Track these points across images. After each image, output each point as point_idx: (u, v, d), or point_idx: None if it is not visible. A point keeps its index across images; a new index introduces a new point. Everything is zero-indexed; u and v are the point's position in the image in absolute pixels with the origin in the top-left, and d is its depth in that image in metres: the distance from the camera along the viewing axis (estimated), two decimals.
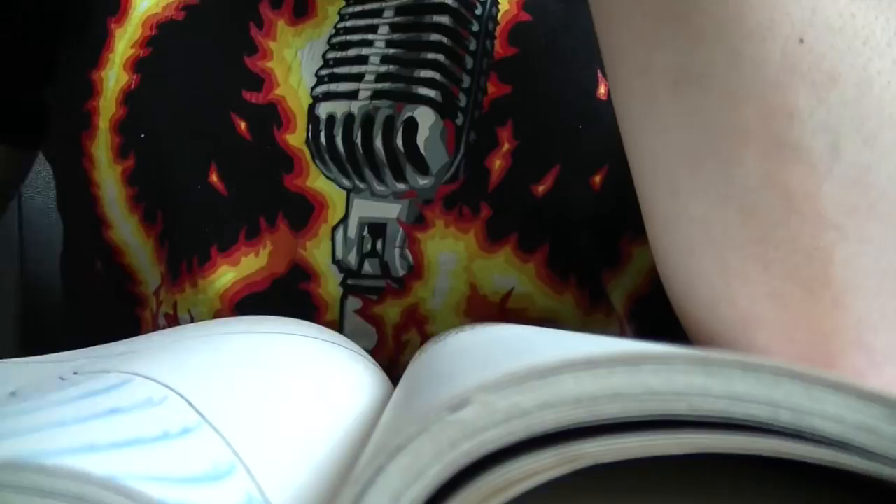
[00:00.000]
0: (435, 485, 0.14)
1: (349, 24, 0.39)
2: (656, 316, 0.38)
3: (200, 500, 0.15)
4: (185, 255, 0.38)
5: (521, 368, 0.14)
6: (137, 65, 0.39)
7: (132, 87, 0.39)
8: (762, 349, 0.27)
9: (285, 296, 0.37)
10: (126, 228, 0.40)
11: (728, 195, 0.26)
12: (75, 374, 0.22)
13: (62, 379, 0.22)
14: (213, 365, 0.24)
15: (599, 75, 0.37)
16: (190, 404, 0.19)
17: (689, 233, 0.28)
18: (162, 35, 0.40)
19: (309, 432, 0.22)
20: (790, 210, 0.25)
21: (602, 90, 0.37)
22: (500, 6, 0.39)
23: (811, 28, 0.25)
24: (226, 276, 0.38)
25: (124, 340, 0.31)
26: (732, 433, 0.14)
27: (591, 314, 0.38)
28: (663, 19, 0.26)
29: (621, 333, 0.38)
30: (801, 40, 0.25)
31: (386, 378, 0.32)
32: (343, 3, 0.39)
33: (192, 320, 0.38)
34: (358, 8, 0.39)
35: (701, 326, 0.29)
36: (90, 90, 0.39)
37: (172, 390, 0.20)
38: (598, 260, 0.37)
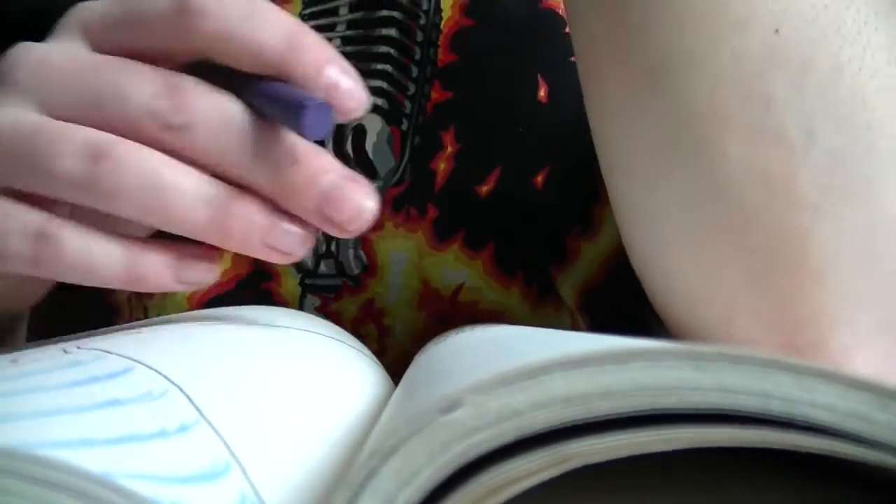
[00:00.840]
0: (428, 487, 0.14)
1: None
2: (609, 307, 0.40)
3: (194, 499, 0.15)
4: None
5: (512, 368, 0.14)
6: None
7: None
8: (745, 338, 0.28)
9: (248, 295, 0.39)
10: None
11: (706, 181, 0.27)
12: (78, 348, 0.22)
13: (65, 352, 0.22)
14: (218, 359, 0.24)
15: (540, 79, 0.39)
16: (189, 400, 0.19)
17: (665, 228, 0.28)
18: None
19: (308, 432, 0.22)
20: (769, 193, 0.26)
21: (542, 93, 0.38)
22: (442, 13, 0.40)
23: (786, 19, 0.26)
24: None
25: (132, 323, 0.31)
26: (724, 426, 0.14)
27: (539, 307, 0.39)
28: (643, 9, 0.27)
29: (574, 326, 0.40)
30: (777, 31, 0.26)
31: (388, 377, 0.33)
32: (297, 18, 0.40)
33: None
34: (312, 23, 0.40)
35: (680, 319, 0.29)
36: None
37: (173, 383, 0.20)
38: (544, 256, 0.39)
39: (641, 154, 0.28)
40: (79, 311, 0.43)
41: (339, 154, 0.38)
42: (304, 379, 0.25)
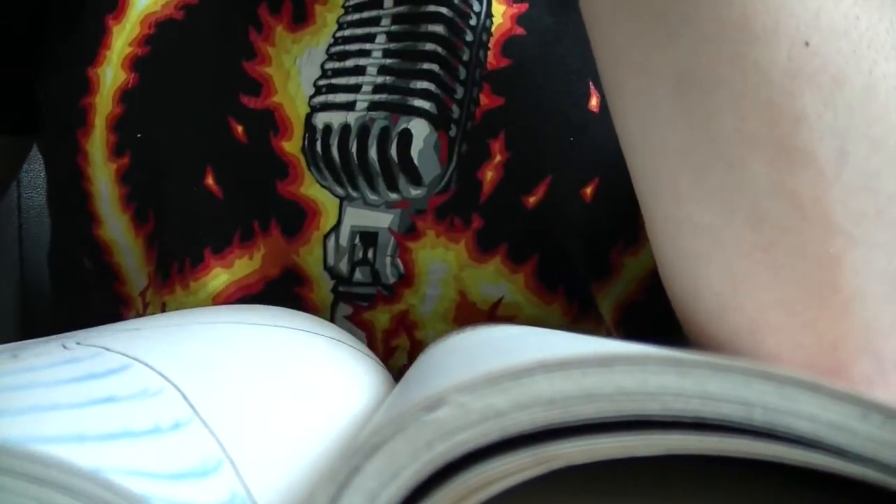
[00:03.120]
0: (411, 485, 0.14)
1: (347, 33, 0.39)
2: (645, 323, 0.39)
3: (184, 495, 0.16)
4: (177, 256, 0.39)
5: (496, 369, 0.14)
6: (135, 63, 0.39)
7: (129, 85, 0.39)
8: (769, 356, 0.27)
9: (278, 298, 0.38)
10: (117, 227, 0.40)
11: (735, 202, 0.26)
12: (78, 343, 0.23)
13: (65, 347, 0.22)
14: (214, 357, 0.24)
15: (591, 87, 0.37)
16: (185, 398, 0.19)
17: (694, 240, 0.28)
18: (160, 34, 0.39)
19: (303, 432, 0.22)
20: (799, 216, 0.25)
21: (594, 102, 0.37)
22: (494, 19, 0.39)
23: (816, 31, 0.24)
24: (219, 278, 0.38)
25: (133, 319, 0.31)
26: (707, 433, 0.14)
27: (578, 323, 0.38)
28: (663, 21, 0.26)
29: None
30: (807, 43, 0.25)
31: (389, 378, 0.32)
32: (342, 11, 0.39)
33: None
34: (356, 16, 0.39)
35: (705, 333, 0.29)
36: (86, 86, 0.39)
37: (169, 381, 0.20)
38: (587, 271, 0.38)
39: (667, 168, 0.28)
40: (90, 300, 0.43)
41: (383, 158, 0.37)
42: (301, 379, 0.26)
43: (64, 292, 0.46)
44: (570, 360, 0.14)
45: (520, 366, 0.14)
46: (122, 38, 0.40)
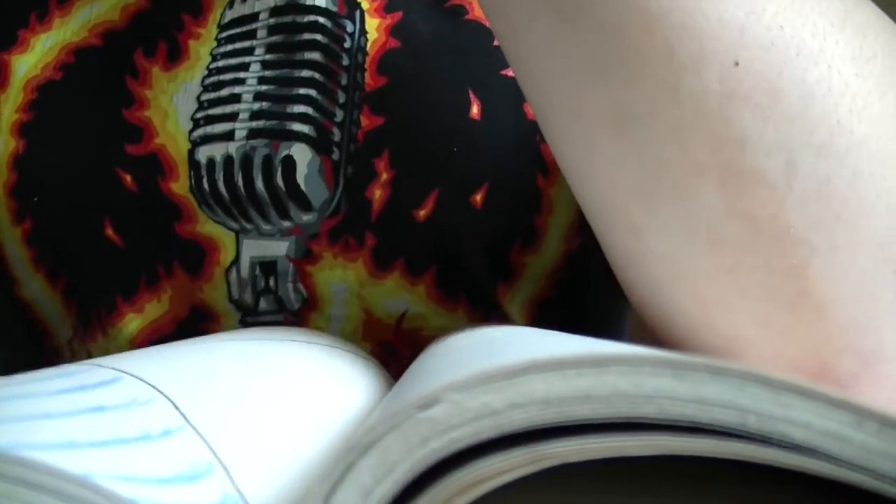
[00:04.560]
0: (404, 481, 0.14)
1: (221, 63, 0.39)
2: (562, 320, 0.39)
3: (174, 498, 0.16)
4: (93, 306, 0.39)
5: (491, 368, 0.14)
6: (22, 129, 0.40)
7: (19, 151, 0.39)
8: (751, 363, 0.27)
9: (189, 336, 0.38)
10: (34, 287, 0.41)
11: (692, 229, 0.26)
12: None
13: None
14: (205, 369, 0.24)
15: (471, 96, 0.37)
16: (175, 406, 0.20)
17: (657, 270, 0.28)
18: (42, 97, 0.40)
19: (296, 435, 0.22)
20: (757, 234, 0.25)
21: (475, 110, 0.37)
22: (368, 35, 0.39)
23: (743, 49, 0.24)
24: (132, 323, 0.39)
25: None
26: (701, 437, 0.14)
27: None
28: (588, 61, 0.26)
29: None
30: (736, 63, 0.24)
31: (388, 379, 0.33)
32: (214, 44, 0.40)
33: None
34: (229, 47, 0.39)
35: (684, 348, 0.29)
36: None
37: (159, 391, 0.20)
38: (488, 275, 0.38)
39: (619, 203, 0.27)
40: (18, 357, 0.43)
41: (270, 188, 0.37)
42: (293, 383, 0.26)
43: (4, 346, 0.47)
44: (565, 360, 0.14)
45: (514, 365, 0.14)
46: (8, 105, 0.40)
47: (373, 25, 0.39)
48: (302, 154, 0.37)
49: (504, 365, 0.15)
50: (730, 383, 0.14)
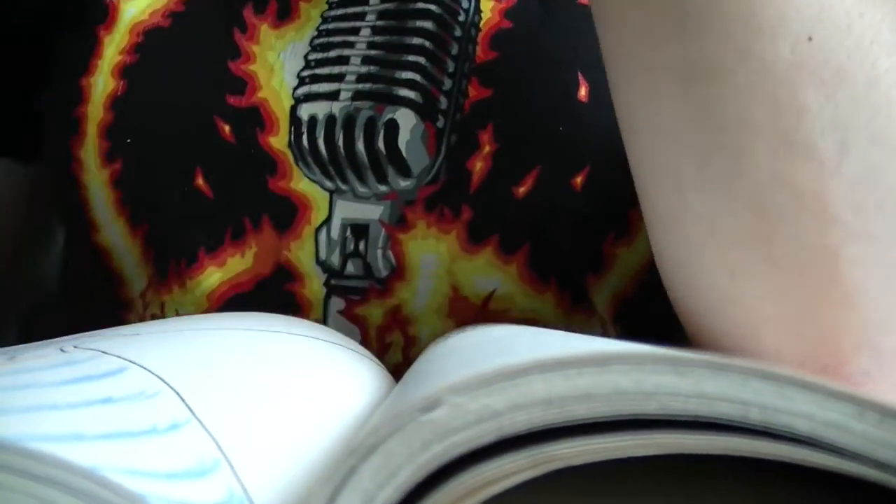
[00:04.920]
0: (407, 486, 0.14)
1: (331, 26, 0.39)
2: (643, 318, 0.39)
3: (182, 495, 0.16)
4: (173, 256, 0.39)
5: (492, 369, 0.14)
6: (124, 71, 0.40)
7: (119, 92, 0.39)
8: (768, 350, 0.27)
9: (270, 296, 0.38)
10: (113, 231, 0.40)
11: (735, 191, 0.26)
12: (75, 346, 0.23)
13: (62, 350, 0.22)
14: (211, 360, 0.24)
15: (580, 77, 0.38)
16: (182, 399, 0.19)
17: (693, 230, 0.28)
18: (148, 42, 0.40)
19: (300, 432, 0.22)
20: (798, 207, 0.26)
21: (583, 92, 0.37)
22: (482, 14, 0.39)
23: (820, 26, 0.25)
24: (212, 276, 0.38)
25: (130, 325, 0.31)
26: (704, 432, 0.14)
27: (571, 315, 0.38)
28: (670, 16, 0.27)
29: (604, 334, 0.39)
30: (810, 38, 0.25)
31: (389, 378, 0.33)
32: (326, 6, 0.40)
33: None
34: (341, 11, 0.39)
35: (703, 328, 0.29)
36: (79, 96, 0.40)
37: (166, 384, 0.20)
38: (580, 262, 0.38)
39: (670, 156, 0.28)
40: (88, 305, 0.43)
41: (371, 150, 0.37)
42: (297, 380, 0.26)
43: (71, 299, 0.47)
44: (565, 359, 0.14)
45: (515, 366, 0.14)
46: (112, 46, 0.40)
47: (487, 6, 0.39)
48: (406, 119, 0.37)
49: (505, 366, 0.14)
50: (732, 378, 0.14)
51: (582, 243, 0.38)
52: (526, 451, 0.15)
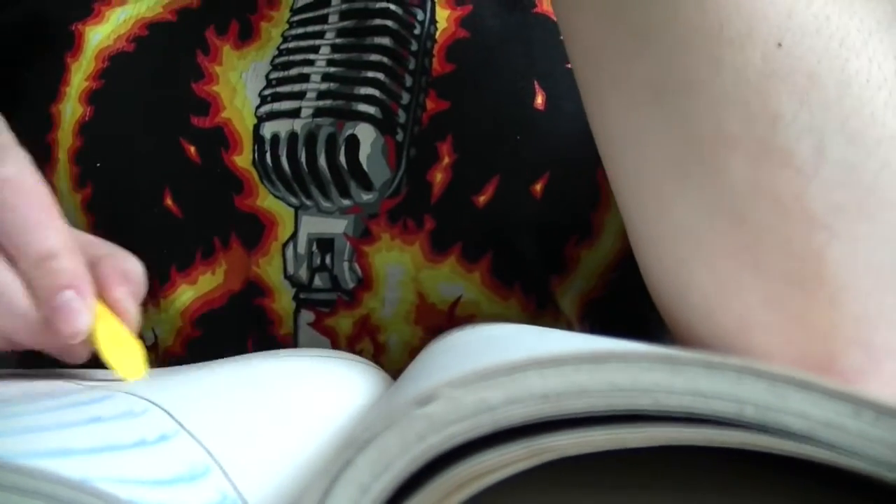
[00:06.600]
0: (402, 477, 0.14)
1: (292, 45, 0.40)
2: (609, 317, 0.40)
3: (172, 499, 0.16)
4: (147, 276, 0.40)
5: (489, 365, 0.15)
6: (91, 97, 0.40)
7: (87, 118, 0.40)
8: (760, 353, 0.27)
9: (242, 311, 0.39)
10: None
11: (717, 203, 0.27)
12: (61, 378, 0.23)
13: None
14: (198, 378, 0.25)
15: (536, 86, 0.38)
16: (170, 415, 0.20)
17: (678, 246, 0.28)
18: (113, 67, 0.41)
19: (292, 434, 0.22)
20: (780, 213, 0.26)
21: (539, 100, 0.38)
22: (438, 24, 0.40)
23: (788, 32, 0.25)
24: (185, 294, 0.39)
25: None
26: (699, 427, 0.14)
27: (538, 318, 0.39)
28: (640, 31, 0.27)
29: None
30: (780, 44, 0.25)
31: (387, 379, 0.33)
32: (286, 27, 0.41)
33: (155, 339, 0.40)
34: (300, 30, 0.40)
35: (694, 335, 0.29)
36: (49, 123, 0.41)
37: (154, 403, 0.20)
38: (543, 266, 0.39)
39: (649, 174, 0.28)
40: None
41: (333, 166, 0.38)
42: (287, 386, 0.26)
43: None
44: (562, 356, 0.14)
45: (512, 362, 0.15)
46: (80, 73, 0.41)
47: (443, 16, 0.40)
48: (366, 134, 0.38)
49: (502, 362, 0.15)
50: (726, 376, 0.14)
51: (545, 248, 0.38)
52: (521, 442, 0.15)
